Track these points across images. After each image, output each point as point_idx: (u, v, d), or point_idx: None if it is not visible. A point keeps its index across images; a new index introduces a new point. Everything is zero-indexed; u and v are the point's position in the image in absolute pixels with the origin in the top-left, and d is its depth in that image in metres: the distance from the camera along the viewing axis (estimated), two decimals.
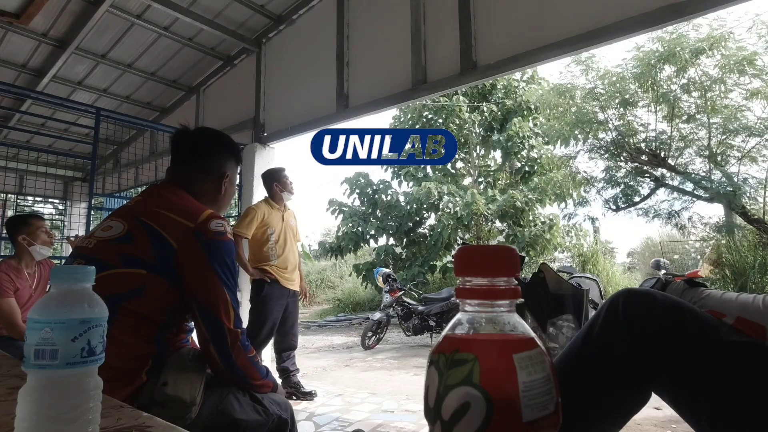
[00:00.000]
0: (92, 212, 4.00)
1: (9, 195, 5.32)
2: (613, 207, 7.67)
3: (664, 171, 7.10)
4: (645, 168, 7.22)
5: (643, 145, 6.97)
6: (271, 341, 3.41)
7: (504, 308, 0.31)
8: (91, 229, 3.53)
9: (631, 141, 6.95)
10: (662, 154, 6.84)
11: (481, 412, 0.27)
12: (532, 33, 2.58)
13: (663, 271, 9.96)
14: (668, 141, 6.82)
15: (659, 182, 7.23)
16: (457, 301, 0.32)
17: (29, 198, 6.36)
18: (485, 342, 0.30)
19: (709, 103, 6.35)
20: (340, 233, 10.29)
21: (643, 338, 0.71)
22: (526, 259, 8.84)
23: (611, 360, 0.72)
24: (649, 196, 7.61)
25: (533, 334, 0.31)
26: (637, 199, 7.55)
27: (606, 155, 7.36)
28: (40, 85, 4.47)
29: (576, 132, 7.18)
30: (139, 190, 5.20)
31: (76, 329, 0.46)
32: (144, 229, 1.00)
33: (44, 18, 3.72)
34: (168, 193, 1.11)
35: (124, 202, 1.23)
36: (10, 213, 5.26)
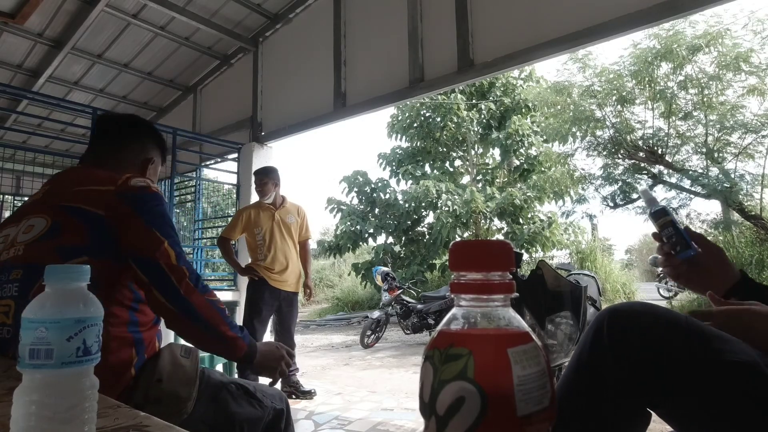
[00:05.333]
0: None
1: (6, 196, 5.29)
2: (611, 204, 7.69)
3: (662, 168, 7.12)
4: (642, 165, 7.23)
5: (640, 142, 6.97)
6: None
7: (499, 303, 0.31)
8: None
9: (629, 138, 6.96)
10: (659, 151, 6.85)
11: (475, 407, 0.27)
12: (529, 30, 2.59)
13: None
14: (665, 138, 6.83)
15: (657, 179, 7.24)
16: (453, 296, 0.32)
17: (26, 199, 6.33)
18: (480, 336, 0.30)
19: (705, 100, 6.36)
20: (338, 232, 10.28)
21: (634, 364, 0.66)
22: (525, 256, 8.85)
23: (604, 390, 0.68)
24: None
25: (528, 329, 0.31)
26: (634, 196, 7.56)
27: (604, 152, 7.37)
28: (36, 86, 4.45)
29: (574, 129, 7.19)
30: None
31: (72, 329, 0.46)
32: (67, 213, 0.93)
33: (40, 18, 3.71)
34: (81, 171, 1.07)
35: None
36: (6, 214, 5.24)
